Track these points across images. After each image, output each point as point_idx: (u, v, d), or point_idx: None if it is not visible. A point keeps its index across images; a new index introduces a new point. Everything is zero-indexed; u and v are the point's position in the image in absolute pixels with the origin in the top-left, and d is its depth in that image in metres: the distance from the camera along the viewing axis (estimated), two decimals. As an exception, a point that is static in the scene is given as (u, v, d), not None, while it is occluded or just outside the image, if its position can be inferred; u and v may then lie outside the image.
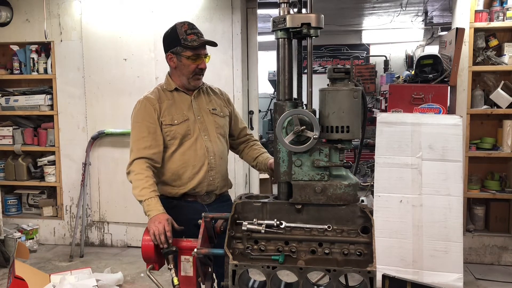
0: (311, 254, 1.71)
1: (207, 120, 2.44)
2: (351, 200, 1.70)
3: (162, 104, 2.39)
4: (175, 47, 2.36)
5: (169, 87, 2.45)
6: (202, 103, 2.47)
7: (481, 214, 4.58)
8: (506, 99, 4.37)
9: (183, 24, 2.37)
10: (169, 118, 2.37)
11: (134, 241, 5.04)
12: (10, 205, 5.34)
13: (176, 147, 2.38)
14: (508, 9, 4.31)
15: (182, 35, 2.34)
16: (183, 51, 2.35)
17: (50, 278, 3.69)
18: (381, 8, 7.50)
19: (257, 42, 4.83)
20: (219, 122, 2.48)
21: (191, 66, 2.36)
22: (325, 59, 10.23)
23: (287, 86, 1.79)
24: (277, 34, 1.77)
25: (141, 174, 2.25)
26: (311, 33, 1.71)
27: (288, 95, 1.79)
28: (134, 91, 4.84)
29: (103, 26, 4.90)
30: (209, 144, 2.41)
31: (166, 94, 2.43)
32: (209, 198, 2.46)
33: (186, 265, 2.01)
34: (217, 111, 2.49)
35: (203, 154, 2.39)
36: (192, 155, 2.38)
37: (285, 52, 1.77)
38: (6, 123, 5.32)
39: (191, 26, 2.38)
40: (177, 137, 2.37)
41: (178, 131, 2.36)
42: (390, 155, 3.79)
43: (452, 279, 3.63)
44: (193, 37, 2.33)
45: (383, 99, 5.15)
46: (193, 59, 2.35)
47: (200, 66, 2.38)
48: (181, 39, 2.33)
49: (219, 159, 2.44)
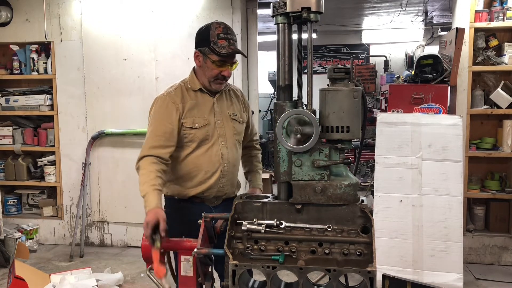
0: (311, 254, 1.71)
1: (226, 126, 2.38)
2: (351, 200, 1.70)
3: (185, 105, 2.31)
4: (203, 47, 2.27)
5: (194, 86, 2.36)
6: (223, 106, 2.40)
7: (481, 214, 4.58)
8: (506, 99, 4.37)
9: (219, 26, 2.26)
10: (191, 121, 2.30)
11: (134, 241, 5.03)
12: (10, 205, 5.34)
13: (193, 150, 2.33)
14: (508, 9, 4.31)
15: (213, 37, 2.23)
16: (210, 54, 2.25)
17: (50, 278, 3.69)
18: (381, 8, 7.50)
19: (257, 42, 4.84)
20: (237, 128, 2.43)
21: (214, 71, 2.27)
22: (325, 59, 10.23)
23: (287, 71, 1.78)
24: (277, 19, 1.75)
25: (146, 169, 2.20)
26: (311, 17, 1.70)
27: (288, 80, 1.78)
28: (134, 91, 4.85)
29: (103, 26, 4.89)
30: (225, 151, 2.36)
31: (190, 94, 2.35)
32: (216, 200, 2.44)
33: (186, 265, 2.00)
34: (237, 117, 2.43)
35: (218, 161, 2.34)
36: (207, 160, 2.33)
37: (285, 37, 1.76)
38: (6, 123, 5.32)
39: (226, 30, 2.26)
40: (196, 140, 2.32)
41: (197, 135, 2.31)
42: (390, 155, 3.79)
43: (452, 279, 3.63)
44: (223, 43, 2.23)
45: (383, 99, 5.15)
46: (218, 64, 2.26)
47: (223, 73, 2.29)
48: (211, 41, 2.23)
49: (232, 167, 2.40)
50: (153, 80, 4.74)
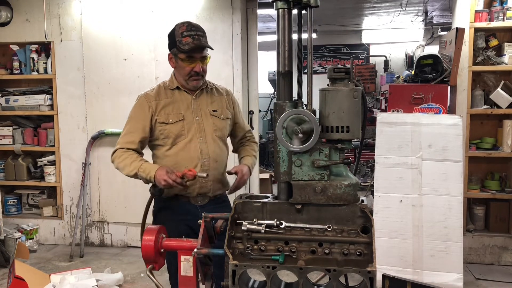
0: (311, 254, 1.71)
1: (205, 122, 2.43)
2: (351, 200, 1.70)
3: (160, 102, 2.40)
4: (173, 48, 2.38)
5: (171, 85, 2.46)
6: (203, 103, 2.46)
7: (481, 214, 4.58)
8: (506, 99, 4.37)
9: (182, 25, 2.35)
10: (164, 117, 2.38)
11: (134, 241, 5.03)
12: (10, 205, 5.34)
13: (170, 146, 2.39)
14: (508, 9, 4.31)
15: (178, 36, 2.33)
16: (178, 53, 2.35)
17: (50, 278, 3.69)
18: (381, 8, 7.50)
19: (257, 42, 4.83)
20: (218, 125, 2.47)
21: (186, 68, 2.36)
22: (325, 59, 10.23)
23: (287, 57, 1.76)
24: (276, 4, 1.74)
25: (123, 155, 2.36)
26: (311, 2, 1.70)
27: (288, 67, 1.77)
28: (134, 91, 4.82)
29: (103, 26, 4.89)
30: (203, 146, 2.40)
31: (167, 92, 2.44)
32: (202, 199, 2.45)
33: (186, 265, 2.00)
34: (217, 113, 2.48)
35: (197, 156, 2.38)
36: (185, 156, 2.38)
37: (285, 23, 1.75)
38: (6, 123, 5.32)
39: (190, 27, 2.34)
40: (171, 136, 2.37)
41: (171, 130, 2.37)
42: (390, 155, 3.79)
43: (452, 279, 3.63)
44: (187, 40, 2.30)
45: (383, 99, 5.16)
46: (187, 62, 2.35)
47: (195, 69, 2.36)
48: (177, 41, 2.33)
49: (214, 162, 2.42)
50: (153, 80, 4.74)
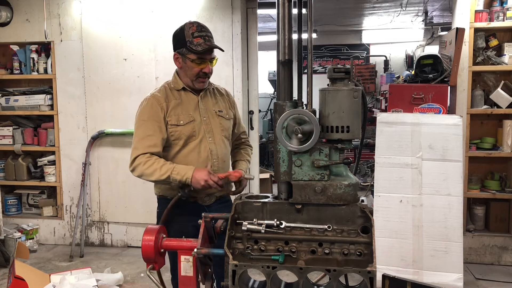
0: (311, 254, 1.71)
1: (212, 122, 2.43)
2: (351, 200, 1.70)
3: (169, 104, 2.37)
4: (181, 48, 2.34)
5: (177, 86, 2.43)
6: (208, 104, 2.46)
7: (481, 214, 4.58)
8: (506, 99, 4.37)
9: (192, 25, 2.32)
10: (175, 118, 2.36)
11: (134, 241, 5.03)
12: (10, 205, 5.34)
13: (180, 147, 2.38)
14: (508, 9, 4.31)
15: (188, 37, 2.30)
16: (188, 54, 2.32)
17: (50, 278, 3.68)
18: (381, 8, 7.50)
19: (257, 42, 4.83)
20: (224, 125, 2.48)
21: (195, 69, 2.34)
22: (325, 59, 10.22)
23: (287, 46, 1.76)
24: None
25: (149, 160, 2.28)
26: None
27: (288, 55, 1.76)
28: (134, 91, 4.84)
29: (103, 26, 4.89)
30: (213, 147, 2.40)
31: (174, 93, 2.42)
32: (209, 199, 2.46)
33: (186, 265, 2.00)
34: (223, 113, 2.49)
35: (207, 157, 2.39)
36: (196, 157, 2.37)
37: (285, 11, 1.75)
38: (6, 123, 5.32)
39: (200, 28, 2.33)
40: (182, 137, 2.36)
41: (183, 132, 2.36)
42: (390, 155, 3.79)
43: (452, 279, 3.63)
44: (199, 41, 2.29)
45: (383, 99, 5.15)
46: (197, 62, 2.32)
47: (204, 70, 2.35)
48: (187, 41, 2.30)
49: (222, 162, 2.44)
50: (153, 80, 4.74)
